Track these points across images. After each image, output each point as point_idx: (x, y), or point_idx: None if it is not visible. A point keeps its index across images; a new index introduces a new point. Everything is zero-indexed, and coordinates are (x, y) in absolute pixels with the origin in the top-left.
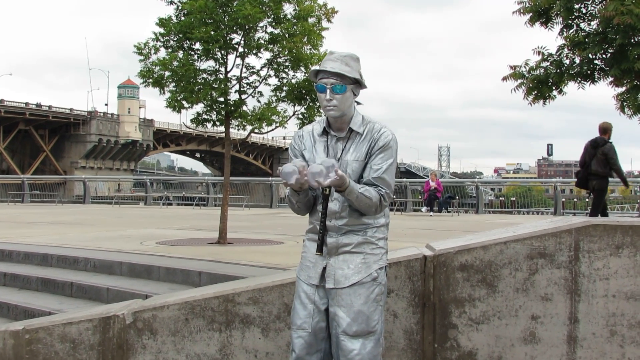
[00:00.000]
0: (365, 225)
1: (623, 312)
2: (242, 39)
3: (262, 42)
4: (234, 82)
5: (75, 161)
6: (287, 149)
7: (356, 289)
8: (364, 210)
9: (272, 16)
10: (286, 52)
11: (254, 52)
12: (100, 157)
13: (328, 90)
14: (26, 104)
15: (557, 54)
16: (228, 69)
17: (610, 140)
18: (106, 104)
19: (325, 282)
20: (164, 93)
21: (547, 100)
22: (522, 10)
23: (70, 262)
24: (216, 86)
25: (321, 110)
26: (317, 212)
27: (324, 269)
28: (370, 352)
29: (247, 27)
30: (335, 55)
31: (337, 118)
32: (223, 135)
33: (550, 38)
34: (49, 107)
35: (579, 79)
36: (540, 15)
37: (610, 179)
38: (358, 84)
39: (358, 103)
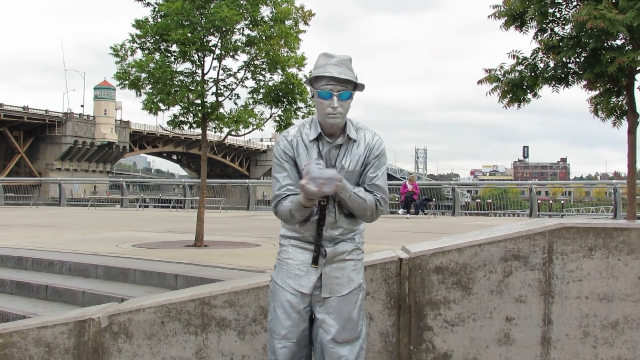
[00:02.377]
0: (354, 232)
1: (596, 313)
2: (219, 41)
3: (239, 44)
4: (210, 84)
5: (51, 163)
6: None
7: (346, 296)
8: (357, 212)
9: (249, 19)
10: (263, 55)
11: (231, 54)
12: (76, 159)
13: (335, 98)
14: (0, 105)
15: (532, 57)
16: (205, 71)
17: None
18: (82, 106)
19: (317, 291)
20: (140, 95)
21: (522, 104)
22: (497, 14)
23: (45, 265)
24: (193, 88)
25: (298, 113)
26: (309, 222)
27: (319, 278)
28: (357, 357)
29: (224, 29)
30: (336, 59)
31: (335, 125)
32: (200, 137)
33: (525, 42)
34: (24, 108)
35: (553, 83)
36: (515, 19)
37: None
38: (355, 87)
39: None
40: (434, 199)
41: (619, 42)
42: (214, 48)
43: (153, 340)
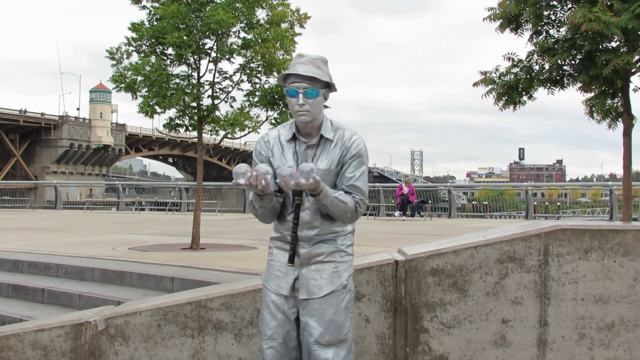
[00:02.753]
0: (335, 234)
1: (592, 315)
2: (215, 44)
3: (235, 47)
4: (206, 87)
5: (47, 166)
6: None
7: (327, 298)
8: (338, 216)
9: (245, 21)
10: (259, 58)
11: (227, 57)
12: (72, 162)
13: (300, 95)
14: None
15: (527, 60)
16: (201, 74)
17: None
18: (78, 109)
19: (296, 293)
20: (136, 98)
21: (518, 106)
22: (492, 17)
23: (41, 268)
24: (189, 91)
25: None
26: (287, 221)
27: (295, 279)
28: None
29: (219, 32)
30: (305, 58)
31: (307, 123)
32: (196, 140)
33: (520, 44)
34: (20, 111)
35: (549, 85)
36: (510, 21)
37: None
38: (328, 87)
39: (326, 107)
40: (430, 201)
41: (614, 44)
42: (209, 51)
43: (150, 343)
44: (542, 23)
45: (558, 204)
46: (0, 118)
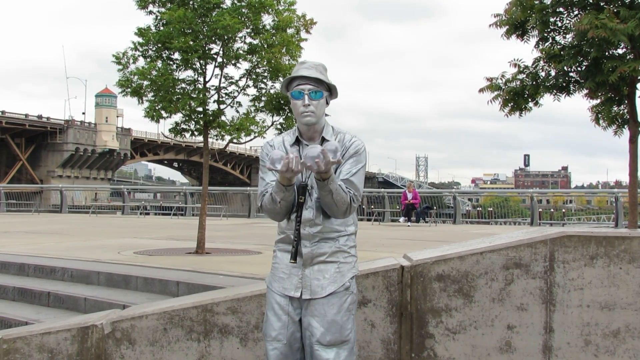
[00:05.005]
0: (338, 233)
1: (597, 321)
2: (221, 49)
3: (241, 52)
4: (212, 92)
5: (52, 170)
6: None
7: (329, 299)
8: (337, 208)
9: (251, 27)
10: (265, 63)
11: (233, 62)
12: (77, 166)
13: (306, 96)
14: (2, 112)
15: (533, 66)
16: (207, 79)
17: None
18: (83, 113)
19: (300, 293)
20: (142, 102)
21: (524, 112)
22: (498, 23)
23: (47, 271)
24: (195, 96)
25: None
26: (290, 220)
27: (299, 280)
28: None
29: (226, 37)
30: (308, 63)
31: (310, 126)
32: (201, 144)
33: (526, 51)
34: (26, 115)
35: (555, 91)
36: (516, 28)
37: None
38: (330, 92)
39: (326, 115)
40: (434, 207)
41: (620, 51)
42: (215, 56)
43: (156, 346)
44: (549, 29)
45: (563, 210)
46: (6, 122)
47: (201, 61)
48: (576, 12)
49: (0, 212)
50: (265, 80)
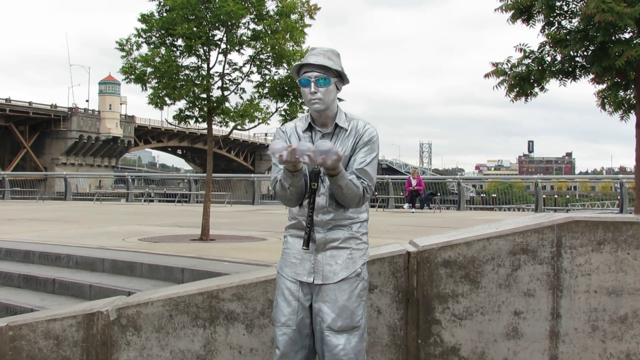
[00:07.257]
0: (351, 220)
1: (605, 307)
2: (225, 35)
3: (245, 38)
4: (216, 78)
5: (56, 158)
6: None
7: (341, 285)
8: (348, 200)
9: (255, 13)
10: (269, 49)
11: (237, 48)
12: (81, 154)
13: (312, 84)
14: (7, 99)
15: (539, 51)
16: (210, 66)
17: None
18: (87, 100)
19: (312, 278)
20: (146, 89)
21: (529, 97)
22: (504, 8)
23: (52, 258)
24: (198, 82)
25: (304, 107)
26: (303, 206)
27: (312, 265)
28: (355, 347)
29: (229, 23)
30: (317, 50)
31: (321, 112)
32: (205, 131)
33: (531, 36)
34: (29, 103)
35: (561, 76)
36: (522, 12)
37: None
38: (341, 78)
39: (340, 100)
40: (439, 194)
41: (627, 35)
42: (219, 42)
43: (161, 333)
44: (555, 14)
45: (567, 196)
46: (10, 110)
47: (205, 47)
48: None
49: (5, 200)
50: (269, 67)
